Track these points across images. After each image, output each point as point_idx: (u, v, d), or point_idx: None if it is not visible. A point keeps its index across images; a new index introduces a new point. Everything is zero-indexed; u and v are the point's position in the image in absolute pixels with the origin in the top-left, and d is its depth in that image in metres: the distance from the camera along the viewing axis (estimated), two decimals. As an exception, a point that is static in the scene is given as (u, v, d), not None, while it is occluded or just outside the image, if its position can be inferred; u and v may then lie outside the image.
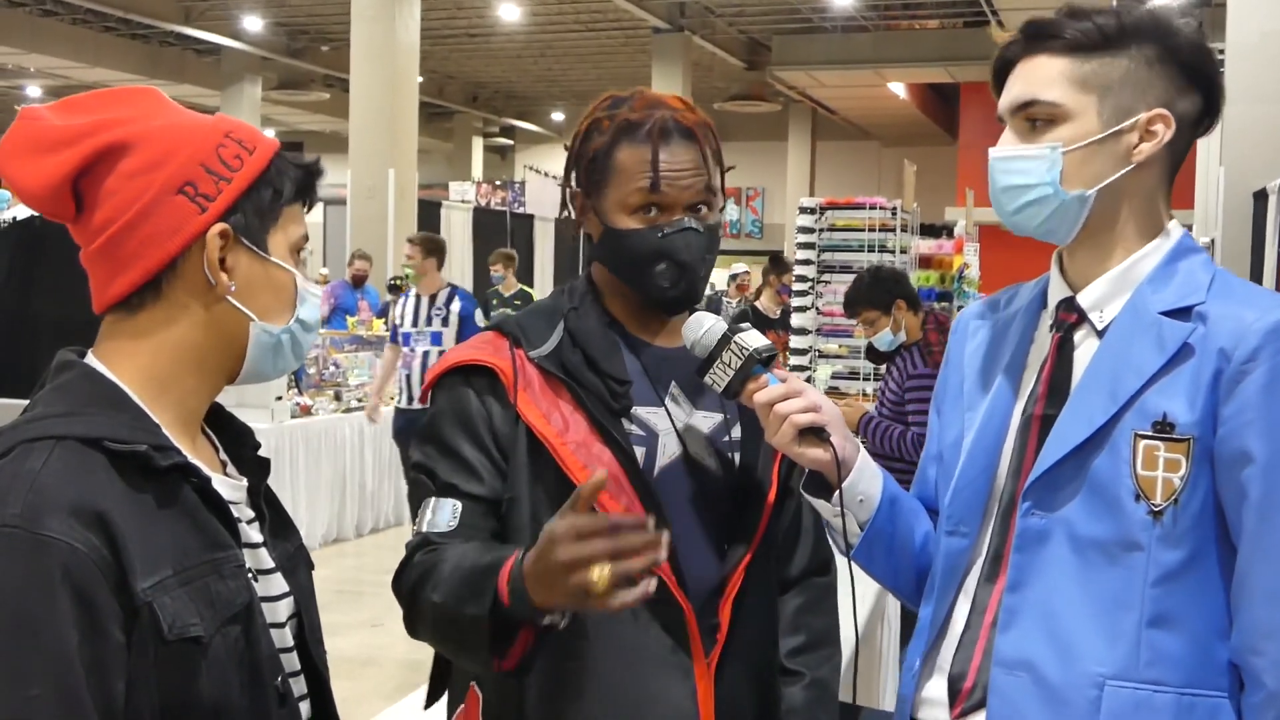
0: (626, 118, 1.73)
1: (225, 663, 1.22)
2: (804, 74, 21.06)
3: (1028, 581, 1.54)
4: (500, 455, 1.70)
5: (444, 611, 1.59)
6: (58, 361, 1.30)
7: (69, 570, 1.12)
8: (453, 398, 1.74)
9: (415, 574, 1.65)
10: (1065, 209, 1.56)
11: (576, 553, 1.40)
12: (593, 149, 1.74)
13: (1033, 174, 1.55)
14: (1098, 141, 1.54)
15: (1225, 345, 1.47)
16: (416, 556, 1.67)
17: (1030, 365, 1.64)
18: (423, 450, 1.75)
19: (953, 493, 1.64)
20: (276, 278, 1.34)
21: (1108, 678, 1.48)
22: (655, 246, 1.71)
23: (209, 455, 1.37)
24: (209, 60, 22.70)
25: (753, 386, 1.62)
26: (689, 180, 1.72)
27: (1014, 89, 1.58)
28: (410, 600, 1.66)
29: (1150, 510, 1.48)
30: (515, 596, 1.49)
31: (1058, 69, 1.55)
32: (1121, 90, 1.54)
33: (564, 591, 1.43)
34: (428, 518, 1.70)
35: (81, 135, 1.26)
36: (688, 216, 1.72)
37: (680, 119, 1.73)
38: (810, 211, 7.31)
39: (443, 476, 1.71)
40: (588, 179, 1.75)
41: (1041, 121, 1.56)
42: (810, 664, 1.84)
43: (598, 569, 1.39)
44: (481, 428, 1.71)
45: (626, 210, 1.72)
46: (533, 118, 29.59)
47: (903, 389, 4.94)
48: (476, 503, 1.69)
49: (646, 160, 1.70)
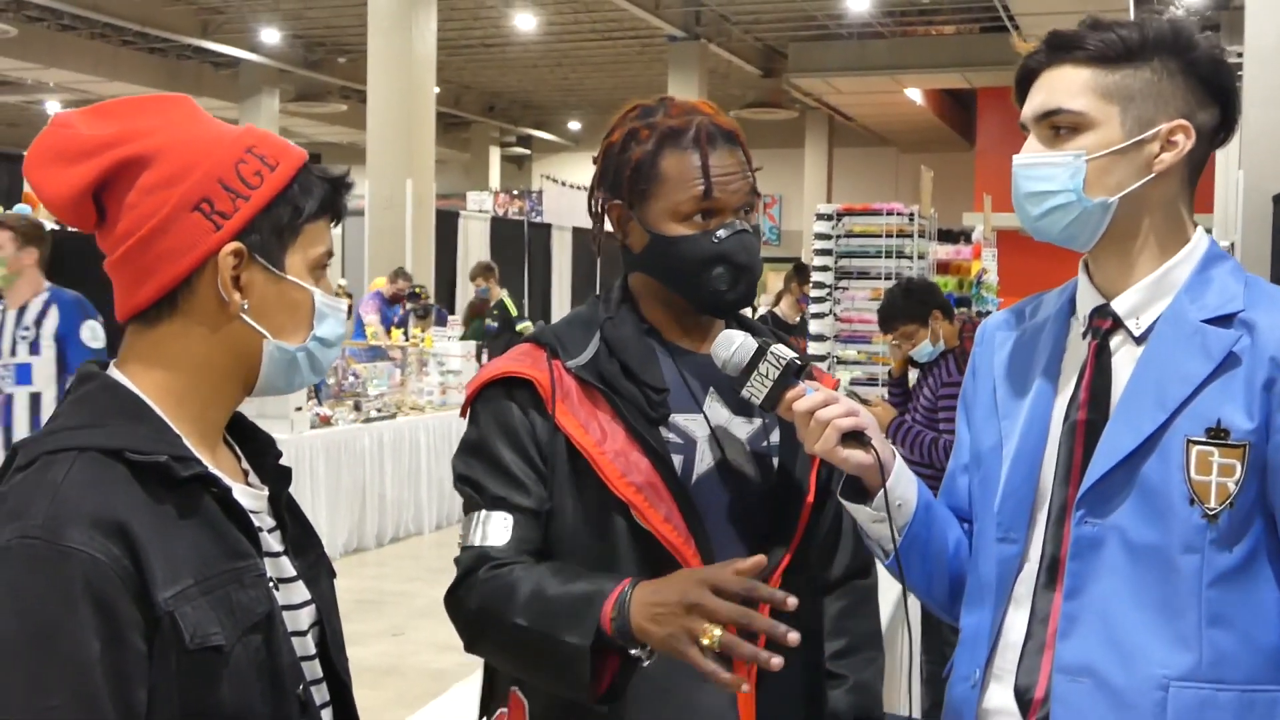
0: (669, 125, 1.73)
1: (247, 671, 1.23)
2: (820, 81, 21.06)
3: (1085, 588, 1.57)
4: (544, 466, 1.71)
5: (534, 638, 1.58)
6: (80, 373, 1.32)
7: (90, 580, 1.13)
8: (496, 410, 1.74)
9: (485, 593, 1.65)
10: (1087, 216, 1.58)
11: (704, 600, 1.44)
12: (635, 158, 1.73)
13: (1056, 181, 1.58)
14: (1120, 150, 1.57)
15: (1277, 354, 1.51)
16: (481, 572, 1.66)
17: (1065, 372, 1.66)
18: (467, 463, 1.75)
19: (1001, 499, 1.66)
20: (292, 296, 1.34)
21: (1172, 679, 1.51)
22: (712, 251, 1.71)
23: (230, 465, 1.38)
24: (227, 73, 22.82)
25: (791, 396, 1.62)
26: (738, 184, 1.73)
27: (1038, 97, 1.61)
28: (479, 620, 1.66)
29: (1205, 514, 1.51)
30: (618, 622, 1.51)
31: (1082, 79, 1.57)
32: (1143, 101, 1.57)
33: (670, 629, 1.46)
34: (480, 531, 1.69)
35: (104, 146, 1.27)
36: (737, 219, 1.73)
37: (720, 123, 1.75)
38: (827, 218, 7.31)
39: (492, 490, 1.71)
40: (630, 188, 1.74)
41: (1065, 130, 1.58)
42: (853, 667, 1.85)
43: (709, 633, 1.43)
44: (526, 439, 1.71)
45: (678, 218, 1.71)
46: (549, 127, 29.65)
47: (936, 396, 4.94)
48: (527, 515, 1.70)
49: (697, 166, 1.70)
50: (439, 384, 10.00)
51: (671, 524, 1.67)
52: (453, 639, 1.76)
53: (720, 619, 1.44)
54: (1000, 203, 9.97)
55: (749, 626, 1.44)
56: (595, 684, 1.56)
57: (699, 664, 1.44)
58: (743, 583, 1.46)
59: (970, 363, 1.81)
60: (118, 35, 20.21)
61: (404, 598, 7.34)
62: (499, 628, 1.63)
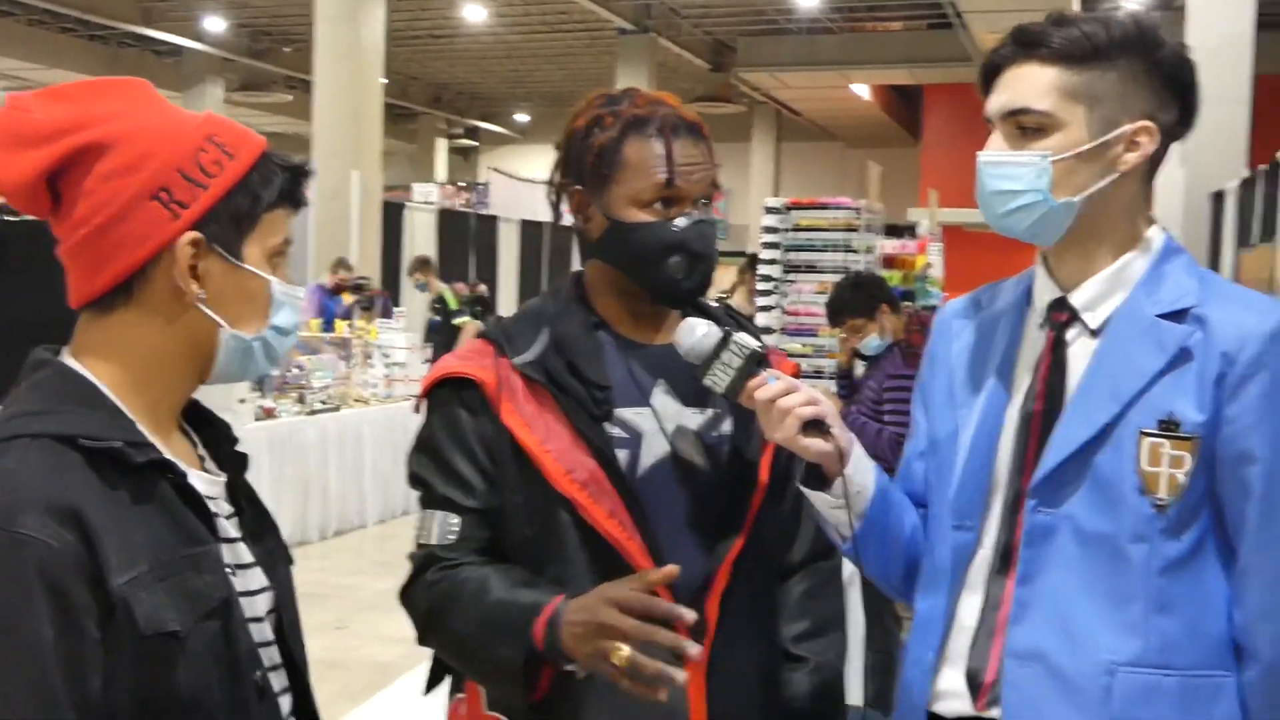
0: (634, 113, 1.74)
1: (204, 657, 1.22)
2: (769, 75, 21.15)
3: (1037, 575, 1.59)
4: (491, 465, 1.73)
5: (474, 646, 1.66)
6: (32, 360, 1.30)
7: (44, 567, 1.12)
8: (445, 411, 1.76)
9: (433, 595, 1.70)
10: (1053, 215, 1.60)
11: (612, 620, 1.51)
12: (598, 144, 1.74)
13: (1022, 181, 1.59)
14: (1086, 151, 1.59)
15: (1228, 349, 1.54)
16: (429, 574, 1.71)
17: (1022, 363, 1.69)
18: (419, 460, 1.78)
19: (957, 487, 1.68)
20: (250, 286, 1.33)
21: (1119, 665, 1.55)
22: (670, 239, 1.72)
23: (186, 451, 1.37)
24: (170, 62, 22.53)
25: (753, 384, 1.63)
26: (700, 174, 1.74)
27: (1004, 95, 1.62)
28: (428, 621, 1.72)
29: (1155, 504, 1.55)
30: (549, 640, 1.57)
31: (1048, 79, 1.58)
32: (1108, 102, 1.58)
33: (587, 650, 1.53)
34: (429, 531, 1.74)
35: (61, 132, 1.25)
36: (696, 209, 1.75)
37: (684, 114, 1.76)
38: (776, 211, 7.34)
39: (439, 490, 1.74)
40: (592, 174, 1.75)
41: (1031, 129, 1.60)
42: (816, 649, 1.86)
43: (620, 647, 1.49)
44: (473, 441, 1.73)
45: (638, 204, 1.72)
46: (497, 119, 29.55)
47: (882, 389, 4.98)
48: (472, 515, 1.73)
49: (660, 155, 1.71)
50: (384, 376, 9.93)
51: (616, 519, 1.68)
52: (397, 632, 1.78)
53: (628, 638, 1.49)
54: (946, 198, 10.07)
55: (652, 642, 1.49)
56: (532, 690, 1.61)
57: (616, 681, 1.50)
58: (640, 599, 1.52)
59: (928, 351, 1.83)
60: (57, 22, 19.89)
61: (348, 590, 7.29)
62: (443, 632, 1.70)
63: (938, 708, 1.66)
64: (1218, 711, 1.55)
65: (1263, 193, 7.61)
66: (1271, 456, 1.53)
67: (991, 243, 1.72)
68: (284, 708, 1.38)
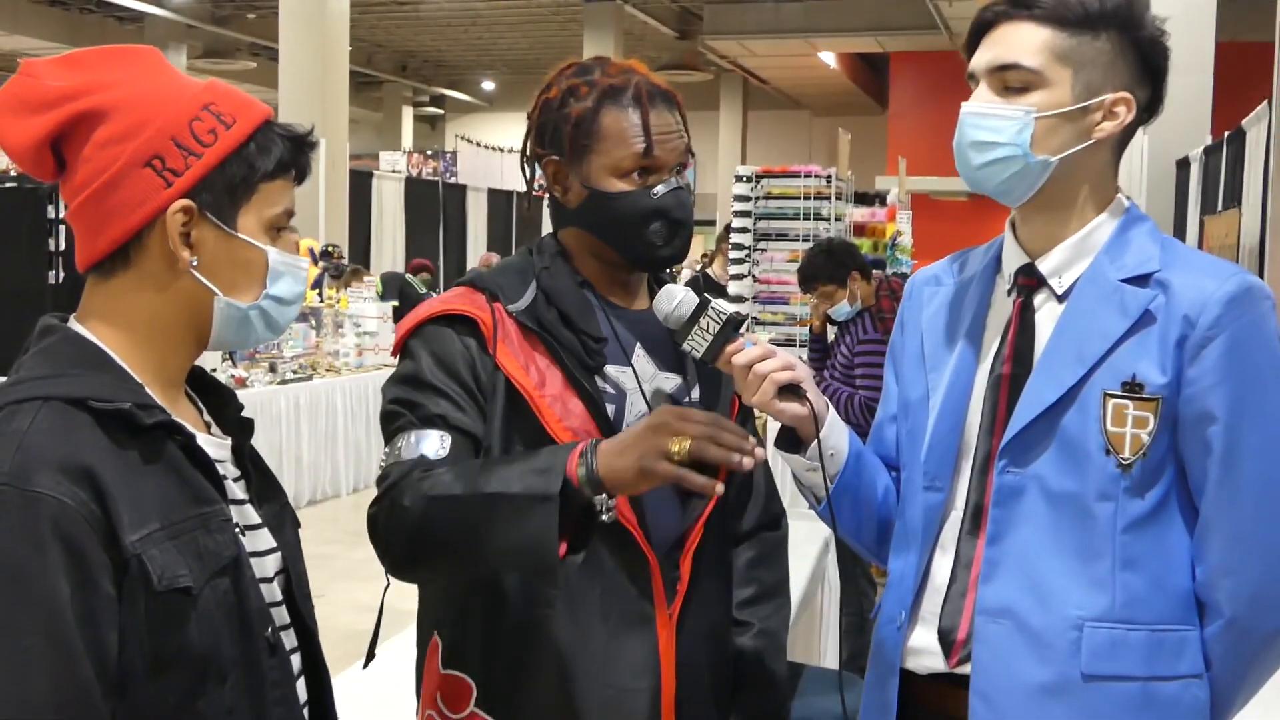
0: (608, 82, 1.76)
1: (215, 614, 1.25)
2: (735, 43, 21.08)
3: (1006, 535, 1.64)
4: (483, 399, 1.72)
5: (492, 503, 1.55)
6: (41, 326, 1.33)
7: (59, 524, 1.15)
8: (436, 338, 1.73)
9: (426, 485, 1.60)
10: (1027, 171, 1.64)
11: (675, 420, 1.54)
12: (574, 114, 1.75)
13: (1004, 133, 1.63)
14: (1067, 113, 1.62)
15: (1189, 312, 1.58)
16: (415, 474, 1.62)
17: (990, 327, 1.73)
18: (401, 389, 1.72)
19: (928, 449, 1.73)
20: (244, 255, 1.35)
21: (1086, 620, 1.59)
22: (650, 206, 1.74)
23: (192, 416, 1.39)
24: (131, 28, 22.23)
25: (731, 349, 1.66)
26: (675, 142, 1.77)
27: (994, 50, 1.65)
28: (420, 513, 1.60)
29: (1119, 464, 1.59)
30: (585, 469, 1.56)
31: (1041, 38, 1.62)
32: (1093, 69, 1.62)
33: (639, 450, 1.54)
34: (412, 445, 1.66)
35: (64, 98, 1.28)
36: (673, 177, 1.77)
37: (657, 83, 1.78)
38: (746, 180, 7.36)
39: (428, 408, 1.69)
40: (570, 144, 1.76)
41: (1017, 86, 1.63)
42: (760, 615, 1.90)
43: (679, 441, 1.53)
44: (463, 367, 1.71)
45: (617, 173, 1.74)
46: (463, 87, 29.34)
47: (853, 353, 5.04)
48: (464, 436, 1.68)
49: (637, 124, 1.74)
50: (355, 345, 9.92)
51: None
52: (373, 600, 1.76)
53: (691, 431, 1.53)
54: (914, 166, 10.10)
55: (718, 438, 1.53)
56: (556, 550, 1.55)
57: (671, 474, 1.53)
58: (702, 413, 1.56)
59: (899, 316, 1.88)
60: (16, -12, 19.60)
61: (322, 560, 7.29)
62: (447, 510, 1.59)
63: (910, 665, 1.71)
64: (1182, 664, 1.60)
65: (1227, 159, 7.70)
66: (1230, 416, 1.57)
67: (959, 211, 1.76)
68: (294, 665, 1.41)
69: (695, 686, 1.77)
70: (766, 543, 1.95)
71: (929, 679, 1.70)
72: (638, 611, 1.72)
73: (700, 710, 1.79)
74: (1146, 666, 1.59)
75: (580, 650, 1.70)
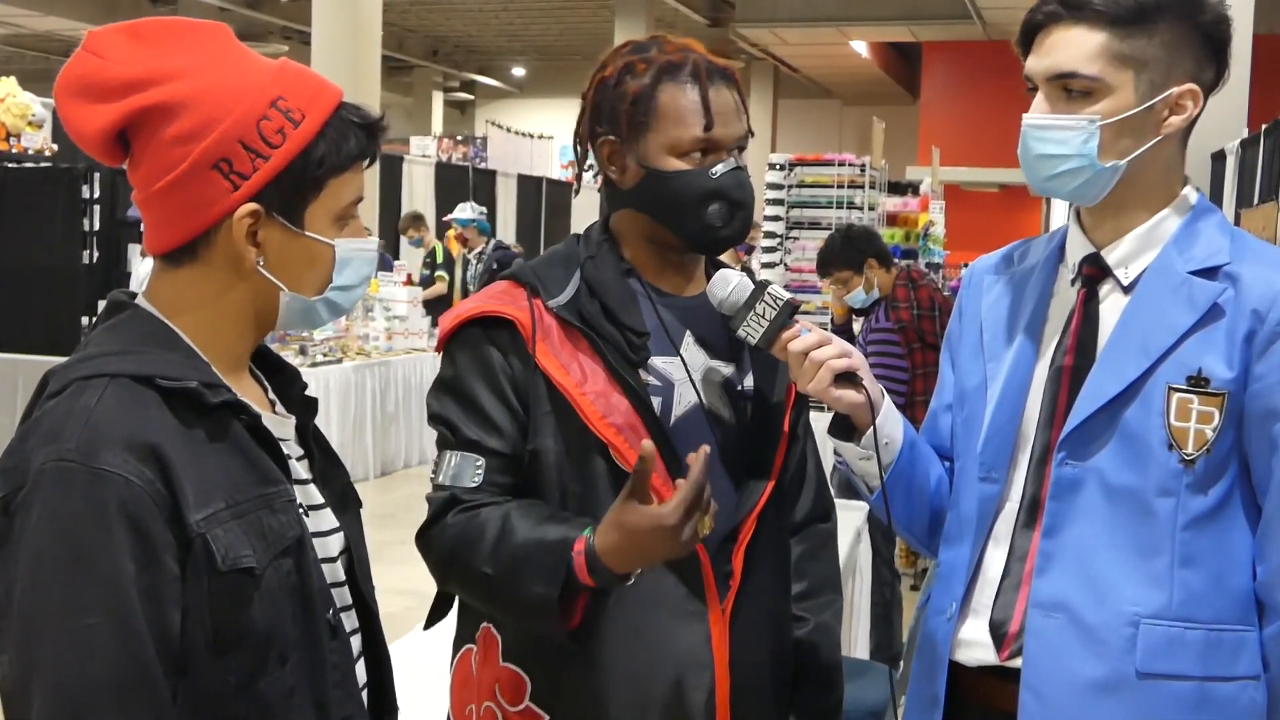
0: (666, 59, 1.71)
1: (278, 594, 1.26)
2: (767, 31, 20.97)
3: (1063, 528, 1.62)
4: (521, 409, 1.71)
5: (502, 586, 1.62)
6: (110, 301, 1.34)
7: (124, 502, 1.15)
8: (475, 351, 1.72)
9: (453, 537, 1.67)
10: (1098, 178, 1.61)
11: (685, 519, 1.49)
12: (631, 92, 1.70)
13: (1069, 144, 1.60)
14: (1132, 116, 1.59)
15: (1259, 307, 1.56)
16: (450, 516, 1.68)
17: (1052, 318, 1.71)
18: (441, 401, 1.74)
19: (984, 440, 1.71)
20: (311, 251, 1.35)
21: (1143, 617, 1.57)
22: (709, 187, 1.70)
23: (257, 395, 1.40)
24: (165, 10, 22.30)
25: (787, 335, 1.64)
26: (734, 121, 1.73)
27: (1051, 58, 1.61)
28: (449, 563, 1.69)
29: (1182, 459, 1.57)
30: (597, 574, 1.56)
31: (1097, 43, 1.58)
32: (1155, 67, 1.59)
33: (667, 553, 1.53)
34: (450, 472, 1.70)
35: (130, 88, 1.26)
36: (732, 157, 1.73)
37: (715, 60, 1.74)
38: (779, 168, 7.33)
39: (465, 432, 1.70)
40: (626, 123, 1.72)
41: (1078, 93, 1.60)
42: (812, 609, 1.88)
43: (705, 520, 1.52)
44: (504, 382, 1.70)
45: (676, 152, 1.70)
46: (493, 72, 29.31)
47: (866, 343, 4.99)
48: (499, 459, 1.70)
49: (697, 101, 1.70)
50: (384, 329, 9.94)
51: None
52: (401, 584, 1.78)
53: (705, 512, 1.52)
54: (947, 157, 10.05)
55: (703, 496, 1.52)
56: (566, 622, 1.59)
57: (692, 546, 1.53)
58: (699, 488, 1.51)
59: (956, 305, 1.86)
60: (51, -31, 19.69)
61: (352, 542, 7.33)
62: (468, 573, 1.66)
63: (959, 657, 1.70)
64: (1239, 665, 1.58)
65: (1264, 152, 7.62)
66: None
67: (992, 202, 1.74)
68: (355, 647, 1.41)
69: (751, 682, 1.75)
70: (818, 535, 1.93)
71: (978, 672, 1.69)
72: (690, 608, 1.70)
73: (757, 706, 1.76)
74: (1203, 666, 1.57)
75: (632, 646, 1.69)
